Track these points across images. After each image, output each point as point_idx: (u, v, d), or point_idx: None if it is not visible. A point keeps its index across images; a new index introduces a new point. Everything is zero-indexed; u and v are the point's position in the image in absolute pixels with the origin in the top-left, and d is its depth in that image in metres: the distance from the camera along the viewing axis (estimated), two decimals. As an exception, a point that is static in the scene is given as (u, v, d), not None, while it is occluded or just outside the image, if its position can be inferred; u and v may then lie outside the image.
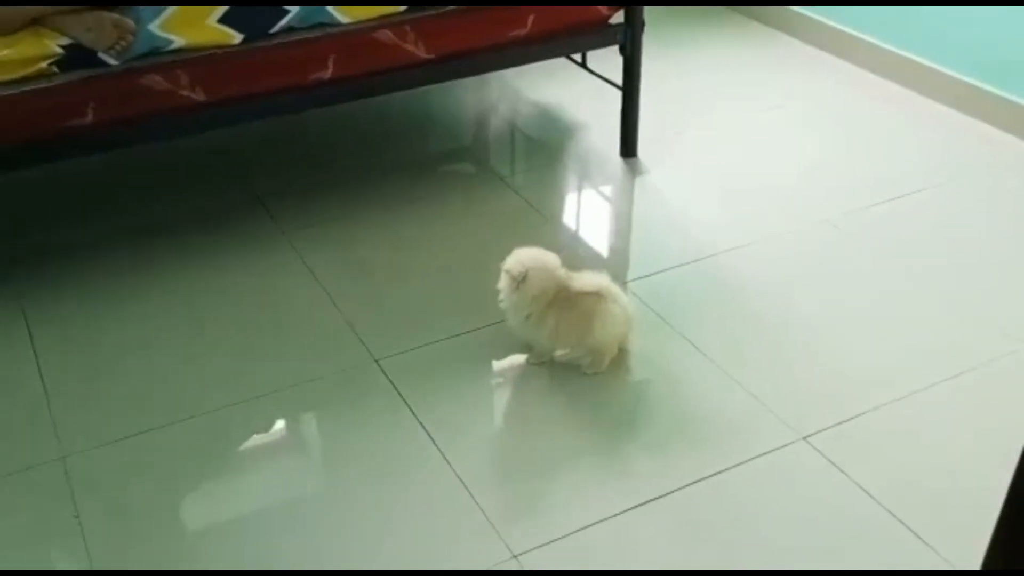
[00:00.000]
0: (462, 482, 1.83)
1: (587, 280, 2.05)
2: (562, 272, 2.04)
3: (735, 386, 2.05)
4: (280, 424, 2.03)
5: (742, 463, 1.86)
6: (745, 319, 2.26)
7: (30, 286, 2.34)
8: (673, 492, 1.80)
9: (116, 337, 2.20)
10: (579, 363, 2.09)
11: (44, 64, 2.11)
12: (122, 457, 1.89)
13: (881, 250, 2.47)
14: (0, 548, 1.72)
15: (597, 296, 2.02)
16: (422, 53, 2.46)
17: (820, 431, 1.93)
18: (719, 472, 1.84)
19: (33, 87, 2.12)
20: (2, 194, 2.59)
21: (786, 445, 1.90)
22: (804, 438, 1.92)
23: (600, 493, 1.81)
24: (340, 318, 2.24)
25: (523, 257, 2.02)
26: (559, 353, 2.10)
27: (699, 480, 1.82)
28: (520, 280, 1.99)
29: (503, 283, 2.03)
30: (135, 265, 2.41)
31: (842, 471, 1.84)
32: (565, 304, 2.01)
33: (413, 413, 1.98)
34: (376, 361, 2.12)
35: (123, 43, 2.13)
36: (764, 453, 1.88)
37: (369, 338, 2.18)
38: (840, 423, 1.95)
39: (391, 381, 2.06)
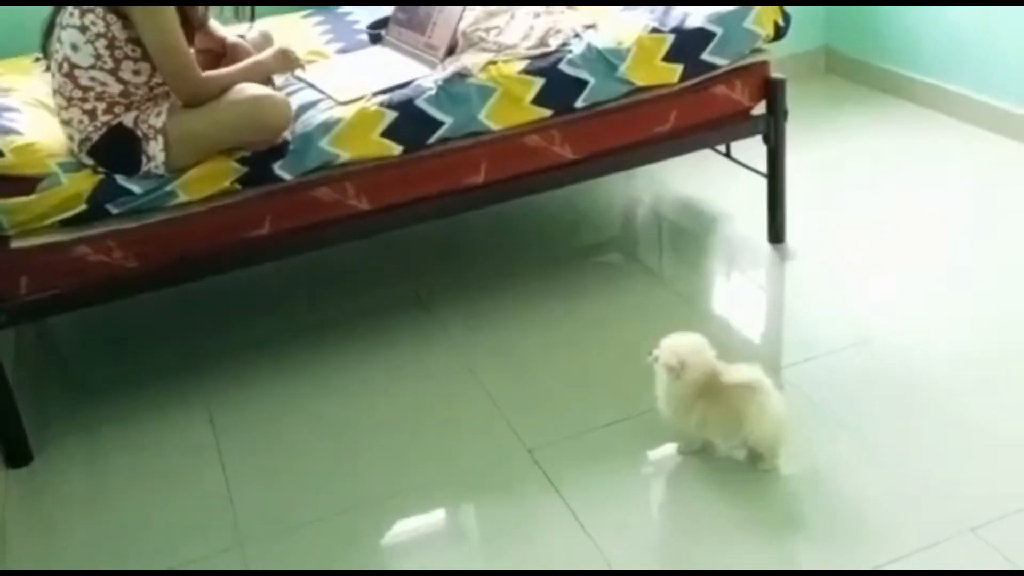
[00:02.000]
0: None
1: (739, 371, 2.02)
2: (713, 360, 2.03)
3: (897, 475, 2.00)
4: (437, 515, 2.11)
5: (906, 555, 1.81)
6: (905, 405, 2.20)
7: (214, 382, 2.53)
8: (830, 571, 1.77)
9: (292, 430, 2.35)
10: (735, 456, 2.08)
11: (228, 182, 2.33)
12: (299, 545, 2.01)
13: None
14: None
15: (748, 388, 1.99)
16: (568, 154, 2.57)
17: (988, 523, 1.85)
18: (883, 565, 1.80)
19: (219, 203, 2.34)
20: (187, 299, 2.84)
21: (952, 537, 1.84)
22: (972, 530, 1.85)
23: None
24: (494, 408, 2.33)
25: (676, 346, 2.02)
26: (720, 444, 2.09)
27: (862, 571, 1.78)
28: (678, 371, 1.99)
29: (658, 373, 2.05)
30: (309, 361, 2.58)
31: (1014, 564, 1.76)
32: (714, 394, 2.00)
33: (565, 502, 2.03)
34: (529, 451, 2.18)
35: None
36: (929, 546, 1.83)
37: (522, 428, 2.24)
38: (1012, 514, 1.87)
39: (543, 471, 2.12)
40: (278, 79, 2.56)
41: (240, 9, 2.44)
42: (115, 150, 2.27)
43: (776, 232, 2.88)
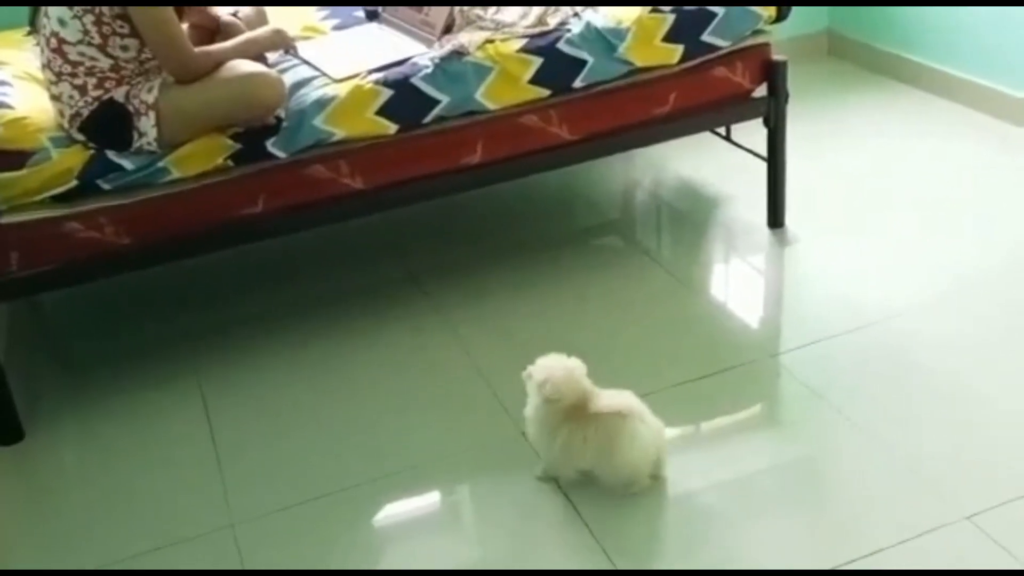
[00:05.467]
0: (606, 554, 1.84)
1: (611, 398, 1.93)
2: (586, 385, 1.94)
3: (894, 462, 1.99)
4: (431, 497, 2.10)
5: (900, 543, 1.80)
6: (903, 391, 2.19)
7: (206, 360, 2.52)
8: (832, 571, 1.76)
9: (284, 408, 2.33)
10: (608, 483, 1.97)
11: (221, 159, 2.30)
12: (289, 525, 2.00)
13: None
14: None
15: (620, 416, 1.90)
16: (566, 134, 2.54)
17: (985, 510, 1.84)
18: (876, 552, 1.78)
19: (212, 180, 2.32)
20: (179, 276, 2.82)
21: (947, 525, 1.82)
22: (967, 517, 1.83)
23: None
24: (488, 390, 2.31)
25: (551, 367, 1.93)
26: (593, 472, 1.97)
27: (858, 558, 1.77)
28: (544, 388, 1.90)
29: (530, 391, 1.95)
30: (302, 340, 2.56)
31: (1011, 554, 1.75)
32: (583, 421, 1.91)
33: (557, 483, 2.01)
34: (523, 433, 2.16)
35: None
36: (923, 533, 1.81)
37: (517, 410, 2.21)
38: (1008, 502, 1.86)
39: (536, 453, 2.10)
40: (271, 56, 2.52)
41: None
42: (106, 125, 2.25)
43: (775, 216, 2.85)
